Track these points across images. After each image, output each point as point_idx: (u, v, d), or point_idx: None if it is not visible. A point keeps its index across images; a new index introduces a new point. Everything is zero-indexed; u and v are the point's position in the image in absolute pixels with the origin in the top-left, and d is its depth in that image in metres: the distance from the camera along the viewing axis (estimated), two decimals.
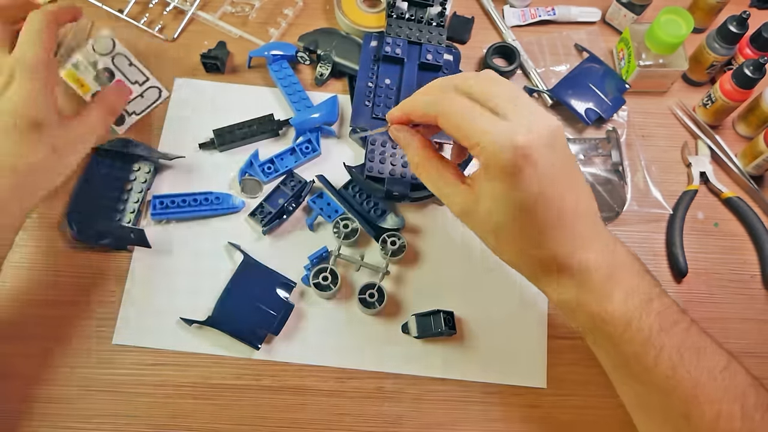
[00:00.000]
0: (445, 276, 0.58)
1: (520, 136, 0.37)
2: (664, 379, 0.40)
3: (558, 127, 0.39)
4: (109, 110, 0.57)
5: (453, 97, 0.40)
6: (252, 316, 0.54)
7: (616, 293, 0.41)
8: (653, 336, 0.41)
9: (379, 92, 0.58)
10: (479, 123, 0.38)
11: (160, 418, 0.52)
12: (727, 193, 0.62)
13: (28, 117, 0.47)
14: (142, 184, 0.59)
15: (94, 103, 0.56)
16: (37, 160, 0.48)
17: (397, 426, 0.53)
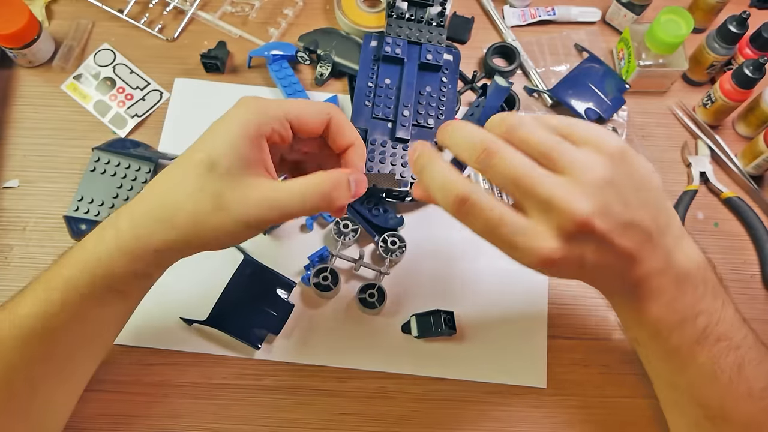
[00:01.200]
0: (445, 276, 0.58)
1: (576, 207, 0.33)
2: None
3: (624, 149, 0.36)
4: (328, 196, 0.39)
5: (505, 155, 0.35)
6: (252, 316, 0.54)
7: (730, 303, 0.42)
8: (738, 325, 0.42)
9: (379, 92, 0.58)
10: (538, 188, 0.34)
11: (160, 418, 0.52)
12: (727, 193, 0.62)
13: (206, 151, 0.38)
14: (142, 184, 0.59)
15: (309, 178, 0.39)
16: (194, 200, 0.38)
17: (398, 426, 0.53)
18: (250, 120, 0.38)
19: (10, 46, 0.61)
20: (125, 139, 0.62)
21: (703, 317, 0.41)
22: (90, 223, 0.57)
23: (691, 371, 0.42)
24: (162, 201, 0.39)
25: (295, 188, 0.38)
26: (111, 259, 0.39)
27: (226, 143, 0.38)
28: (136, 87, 0.65)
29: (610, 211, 0.34)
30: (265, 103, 0.39)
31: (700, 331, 0.41)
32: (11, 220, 0.59)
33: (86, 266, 0.39)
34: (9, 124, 0.63)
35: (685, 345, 0.41)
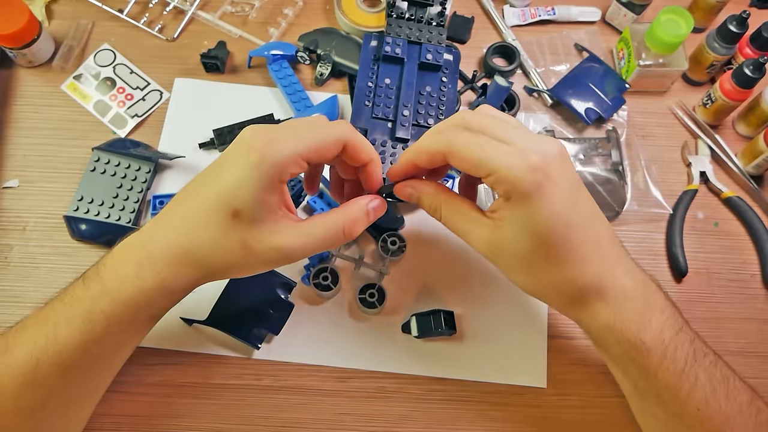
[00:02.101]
0: (445, 276, 0.58)
1: (534, 156, 0.37)
2: (695, 412, 0.40)
3: (564, 149, 0.40)
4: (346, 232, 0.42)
5: (458, 132, 0.40)
6: (252, 316, 0.54)
7: (654, 322, 0.41)
8: (687, 368, 0.40)
9: (379, 92, 0.58)
10: (491, 151, 0.38)
11: (161, 418, 0.52)
12: (727, 192, 0.62)
13: (230, 203, 0.39)
14: (142, 184, 0.59)
15: (324, 215, 0.42)
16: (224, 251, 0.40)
17: (398, 426, 0.53)
18: (269, 166, 0.38)
19: (10, 46, 0.61)
20: (125, 139, 0.62)
21: (685, 330, 0.42)
22: (90, 223, 0.57)
23: (696, 393, 0.41)
24: (189, 245, 0.40)
25: (316, 232, 0.41)
26: (148, 298, 0.41)
27: (248, 192, 0.38)
28: (136, 87, 0.65)
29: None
30: (276, 143, 0.38)
31: (691, 345, 0.41)
32: (11, 220, 0.59)
33: (126, 303, 0.41)
34: (9, 124, 0.63)
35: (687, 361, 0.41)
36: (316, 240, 0.41)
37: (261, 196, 0.38)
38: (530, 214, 0.38)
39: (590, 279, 0.40)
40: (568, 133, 0.65)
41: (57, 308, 0.42)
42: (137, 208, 0.58)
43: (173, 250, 0.40)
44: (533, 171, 0.37)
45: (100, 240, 0.57)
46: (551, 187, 0.37)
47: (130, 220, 0.58)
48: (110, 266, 0.42)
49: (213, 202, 0.39)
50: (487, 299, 0.57)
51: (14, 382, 0.40)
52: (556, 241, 0.39)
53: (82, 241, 0.58)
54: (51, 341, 0.41)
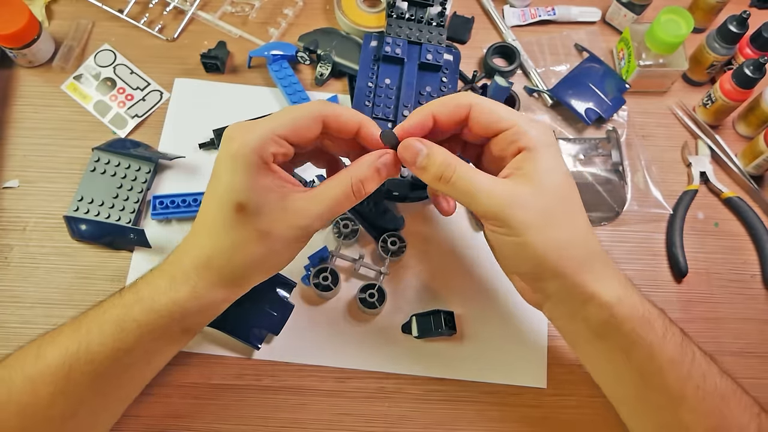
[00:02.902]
0: (445, 276, 0.58)
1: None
2: (695, 390, 0.41)
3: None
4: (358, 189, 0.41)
5: (476, 95, 0.43)
6: (252, 316, 0.54)
7: (645, 299, 0.42)
8: (684, 342, 0.41)
9: (379, 92, 0.58)
10: (509, 111, 0.41)
11: (161, 418, 0.52)
12: (727, 193, 0.62)
13: (231, 199, 0.39)
14: (142, 184, 0.59)
15: (333, 178, 0.42)
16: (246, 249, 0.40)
17: (398, 426, 0.53)
18: (248, 153, 0.38)
19: (10, 46, 0.61)
20: (125, 139, 0.62)
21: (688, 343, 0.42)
22: (90, 223, 0.57)
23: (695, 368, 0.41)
24: (211, 251, 0.41)
25: (325, 196, 0.41)
26: (184, 309, 0.42)
27: (242, 184, 0.38)
28: (137, 87, 0.65)
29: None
30: (251, 129, 0.39)
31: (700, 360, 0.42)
32: (11, 220, 0.59)
33: (160, 313, 0.41)
34: (9, 124, 0.63)
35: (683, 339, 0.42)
36: (327, 204, 0.40)
37: (254, 182, 0.38)
38: (554, 164, 0.40)
39: (596, 244, 0.42)
40: (568, 133, 0.65)
41: (90, 315, 0.43)
42: (137, 208, 0.58)
43: (200, 258, 0.41)
44: (548, 130, 0.41)
45: (100, 240, 0.57)
46: (555, 146, 0.41)
47: (130, 220, 0.58)
48: (147, 280, 0.43)
49: (217, 204, 0.40)
50: (487, 299, 0.57)
51: (47, 390, 0.40)
52: (571, 196, 0.41)
53: (82, 241, 0.58)
54: (83, 347, 0.41)
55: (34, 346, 0.42)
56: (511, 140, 0.40)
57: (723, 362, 0.43)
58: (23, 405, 0.40)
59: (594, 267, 0.41)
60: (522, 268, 0.43)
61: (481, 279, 0.58)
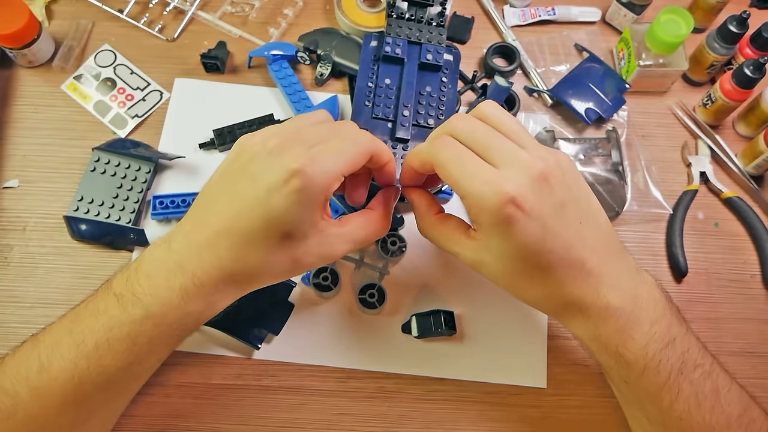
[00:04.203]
0: (445, 276, 0.58)
1: (508, 185, 0.36)
2: (677, 422, 0.41)
3: (560, 161, 0.39)
4: (376, 228, 0.45)
5: (446, 142, 0.40)
6: (252, 316, 0.54)
7: (637, 335, 0.40)
8: (671, 380, 0.40)
9: (379, 92, 0.58)
10: (468, 172, 0.38)
11: (161, 418, 0.52)
12: (727, 193, 0.62)
13: (281, 229, 0.39)
14: (142, 184, 0.59)
15: (361, 216, 0.44)
16: (273, 268, 0.41)
17: (398, 426, 0.53)
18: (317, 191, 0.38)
19: (10, 46, 0.61)
20: (125, 139, 0.62)
21: (679, 342, 0.42)
22: (90, 223, 0.57)
23: (678, 404, 0.41)
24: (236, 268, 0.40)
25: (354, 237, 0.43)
26: (198, 315, 0.41)
27: (297, 217, 0.38)
28: (137, 87, 0.65)
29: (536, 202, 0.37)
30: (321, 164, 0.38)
31: (679, 358, 0.41)
32: (11, 220, 0.59)
33: (173, 325, 0.41)
34: (9, 124, 0.63)
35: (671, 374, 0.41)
36: (353, 244, 0.43)
37: (310, 218, 0.39)
38: (502, 242, 0.38)
39: (570, 298, 0.40)
40: (568, 133, 0.65)
41: (91, 327, 0.41)
42: (137, 208, 0.58)
43: (220, 273, 0.40)
44: (503, 204, 0.36)
45: (100, 240, 0.57)
46: (522, 221, 0.37)
47: (130, 220, 0.58)
48: (148, 288, 0.40)
49: (261, 228, 0.38)
50: (487, 299, 0.57)
51: (55, 401, 0.40)
52: (531, 267, 0.39)
53: (82, 241, 0.58)
54: (93, 363, 0.40)
55: (34, 355, 0.41)
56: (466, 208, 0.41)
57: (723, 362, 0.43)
58: (32, 416, 0.40)
59: (562, 315, 0.42)
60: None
61: (481, 279, 0.57)
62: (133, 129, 0.63)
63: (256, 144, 0.40)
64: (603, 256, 0.40)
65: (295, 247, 0.40)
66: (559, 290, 0.40)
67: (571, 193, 0.39)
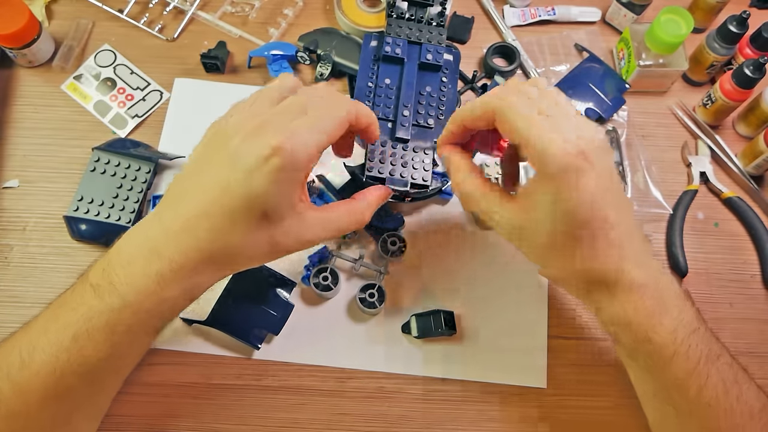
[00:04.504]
0: (445, 276, 0.58)
1: (574, 139, 0.37)
2: (706, 409, 0.40)
3: (606, 141, 0.40)
4: (356, 218, 0.45)
5: (512, 95, 0.40)
6: (252, 316, 0.54)
7: (666, 319, 0.40)
8: (700, 366, 0.40)
9: (379, 92, 0.58)
10: (535, 124, 0.38)
11: (161, 418, 0.52)
12: (727, 193, 0.62)
13: (260, 209, 0.39)
14: (142, 184, 0.59)
15: (342, 205, 0.45)
16: (252, 250, 0.41)
17: (397, 426, 0.53)
18: (295, 168, 0.38)
19: (10, 46, 0.61)
20: (125, 139, 0.62)
21: (702, 332, 0.42)
22: (90, 223, 0.57)
23: (707, 391, 0.41)
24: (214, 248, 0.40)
25: (335, 225, 0.43)
26: (174, 301, 0.41)
27: (277, 196, 0.38)
28: (137, 87, 0.65)
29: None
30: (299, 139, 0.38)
31: (706, 346, 0.41)
32: (11, 220, 0.59)
33: (151, 312, 0.40)
34: (9, 124, 0.63)
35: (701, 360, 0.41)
36: (334, 231, 0.43)
37: (288, 198, 0.39)
38: (557, 197, 0.38)
39: (609, 268, 0.40)
40: None
41: (69, 320, 0.40)
42: (137, 208, 0.58)
43: (199, 255, 0.39)
44: (570, 154, 0.36)
45: (100, 240, 0.57)
46: (583, 176, 0.37)
47: (130, 220, 0.58)
48: (124, 276, 0.40)
49: (241, 208, 0.38)
50: (487, 299, 0.57)
51: (36, 396, 0.40)
52: (575, 230, 0.39)
53: (82, 241, 0.58)
54: (74, 355, 0.40)
55: (15, 352, 0.40)
56: (528, 160, 0.39)
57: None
58: (13, 413, 0.40)
59: (598, 294, 0.41)
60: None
61: (481, 279, 0.58)
62: (133, 129, 0.63)
63: (233, 125, 0.40)
64: (633, 237, 0.41)
65: (273, 228, 0.40)
66: (589, 262, 0.40)
67: (613, 170, 0.40)
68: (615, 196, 0.39)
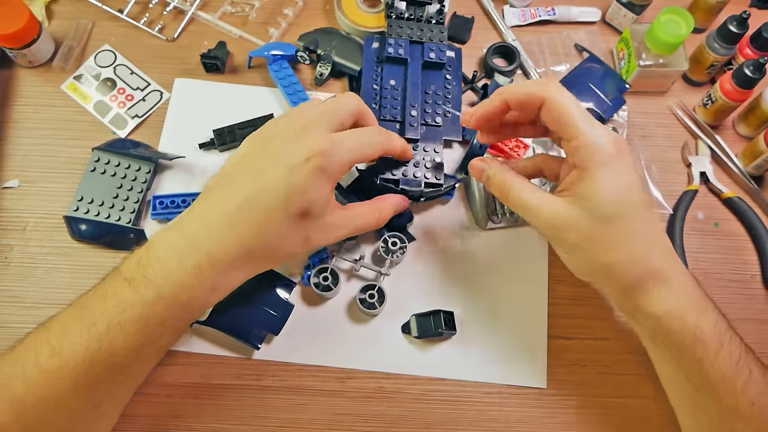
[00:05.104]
0: (445, 276, 0.58)
1: (612, 134, 0.41)
2: (749, 406, 0.41)
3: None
4: (377, 217, 0.49)
5: (560, 87, 0.42)
6: (252, 316, 0.54)
7: (709, 314, 0.41)
8: (742, 360, 0.41)
9: (384, 94, 0.58)
10: (587, 117, 0.41)
11: (162, 418, 0.52)
12: (727, 193, 0.62)
13: (299, 205, 0.42)
14: (142, 184, 0.59)
15: (365, 205, 0.49)
16: (288, 245, 0.43)
17: (398, 426, 0.53)
18: (337, 170, 0.42)
19: (10, 46, 0.61)
20: (125, 139, 0.62)
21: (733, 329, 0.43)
22: (90, 223, 0.57)
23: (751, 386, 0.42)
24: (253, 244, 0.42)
25: (357, 223, 0.47)
26: (207, 297, 0.42)
27: (317, 194, 0.42)
28: (137, 88, 0.65)
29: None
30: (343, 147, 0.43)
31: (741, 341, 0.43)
32: (11, 220, 0.59)
33: (186, 307, 0.42)
34: (9, 124, 0.63)
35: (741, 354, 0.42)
36: (356, 228, 0.47)
37: (326, 197, 0.42)
38: (605, 185, 0.40)
39: (655, 262, 0.42)
40: None
41: (102, 311, 0.41)
42: (137, 208, 0.58)
43: (239, 251, 0.41)
44: (614, 144, 0.40)
45: (100, 240, 0.57)
46: (624, 163, 0.40)
47: (130, 220, 0.58)
48: (160, 270, 0.41)
49: (281, 203, 0.41)
50: (487, 299, 0.57)
51: (68, 385, 0.40)
52: (626, 218, 0.40)
53: (82, 242, 0.58)
54: (105, 345, 0.40)
55: (43, 340, 0.41)
56: (572, 151, 0.41)
57: None
58: (42, 399, 0.40)
59: (645, 285, 0.42)
60: (577, 274, 0.46)
61: (481, 279, 0.58)
62: (133, 129, 0.63)
63: (281, 127, 0.43)
64: (663, 231, 0.45)
65: (310, 225, 0.43)
66: (643, 253, 0.41)
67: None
68: (643, 193, 0.43)
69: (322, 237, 0.45)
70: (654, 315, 0.42)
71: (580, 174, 0.41)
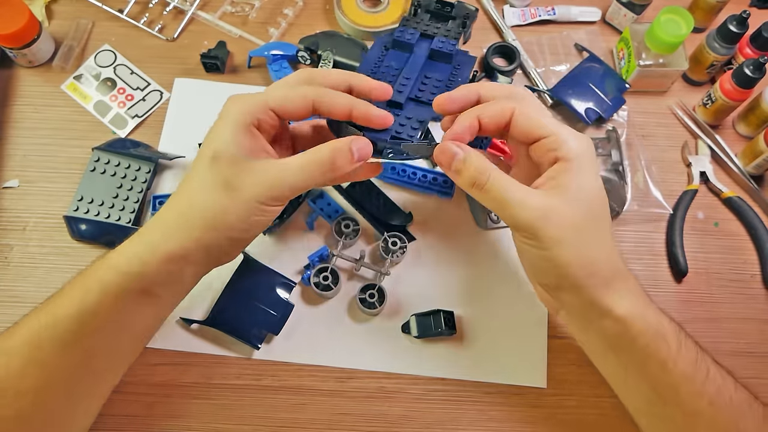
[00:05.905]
0: (445, 276, 0.58)
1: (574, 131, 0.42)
2: (707, 407, 0.41)
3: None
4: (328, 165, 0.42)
5: (521, 100, 0.43)
6: (252, 316, 0.54)
7: (659, 310, 0.43)
8: (699, 357, 0.42)
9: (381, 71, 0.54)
10: (554, 120, 0.42)
11: (162, 418, 0.52)
12: (727, 192, 0.62)
13: (207, 149, 0.42)
14: (142, 184, 0.59)
15: (309, 152, 0.42)
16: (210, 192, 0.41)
17: (398, 426, 0.53)
18: (237, 113, 0.42)
19: (10, 46, 0.61)
20: (125, 139, 0.62)
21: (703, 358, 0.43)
22: (90, 223, 0.57)
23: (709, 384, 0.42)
24: (181, 203, 0.43)
25: (295, 162, 0.42)
26: (142, 263, 0.41)
27: (223, 136, 0.41)
28: (137, 87, 0.65)
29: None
30: (246, 97, 0.43)
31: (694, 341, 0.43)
32: (11, 220, 0.59)
33: (120, 269, 0.41)
34: (9, 124, 0.63)
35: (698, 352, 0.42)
36: (300, 175, 0.41)
37: (234, 138, 0.41)
38: (587, 177, 0.41)
39: (619, 260, 0.43)
40: None
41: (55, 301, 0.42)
42: (137, 208, 0.58)
43: (170, 213, 0.43)
44: (583, 139, 0.42)
45: (100, 240, 0.57)
46: (593, 159, 0.42)
47: (130, 220, 0.58)
48: (115, 254, 0.43)
49: (200, 155, 0.42)
50: (487, 299, 0.57)
51: (18, 362, 0.40)
52: (602, 210, 0.42)
53: (82, 241, 0.58)
54: (50, 315, 0.41)
55: (9, 329, 0.42)
56: (550, 148, 0.41)
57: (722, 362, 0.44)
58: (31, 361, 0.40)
59: (614, 283, 0.42)
60: (545, 279, 0.45)
61: (481, 279, 0.58)
62: (133, 129, 0.63)
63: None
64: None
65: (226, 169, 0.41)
66: (614, 249, 0.42)
67: None
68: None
69: (252, 187, 0.40)
70: (622, 318, 0.41)
71: (564, 166, 0.40)
